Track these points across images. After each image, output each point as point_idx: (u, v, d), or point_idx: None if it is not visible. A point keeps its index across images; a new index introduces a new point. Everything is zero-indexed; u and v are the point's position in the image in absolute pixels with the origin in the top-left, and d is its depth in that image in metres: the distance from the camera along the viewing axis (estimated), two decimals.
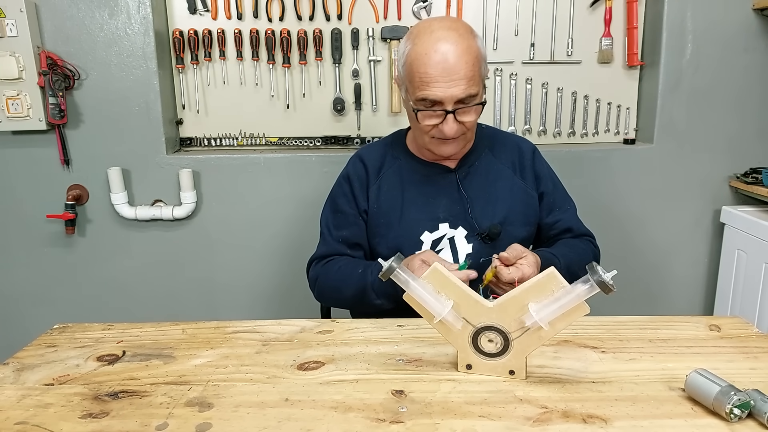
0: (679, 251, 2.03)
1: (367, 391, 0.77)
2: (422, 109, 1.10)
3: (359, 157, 1.28)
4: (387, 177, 1.24)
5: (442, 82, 1.05)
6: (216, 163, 1.92)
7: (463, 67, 1.05)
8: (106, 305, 2.01)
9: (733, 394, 0.67)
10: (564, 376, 0.80)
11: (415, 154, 1.26)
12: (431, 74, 1.05)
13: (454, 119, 1.09)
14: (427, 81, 1.06)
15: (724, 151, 1.95)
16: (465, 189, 1.21)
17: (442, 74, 1.05)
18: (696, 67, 1.88)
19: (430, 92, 1.06)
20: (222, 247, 1.98)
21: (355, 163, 1.28)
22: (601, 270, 0.71)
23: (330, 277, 1.22)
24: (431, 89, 1.06)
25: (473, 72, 1.06)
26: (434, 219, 1.20)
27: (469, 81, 1.06)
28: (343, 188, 1.27)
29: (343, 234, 1.25)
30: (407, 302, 0.81)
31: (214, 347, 0.91)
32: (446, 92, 1.05)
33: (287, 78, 1.94)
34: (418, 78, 1.07)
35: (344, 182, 1.27)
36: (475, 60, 1.06)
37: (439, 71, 1.04)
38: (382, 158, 1.26)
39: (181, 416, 0.72)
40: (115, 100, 1.86)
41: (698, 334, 0.93)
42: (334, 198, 1.29)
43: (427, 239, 1.20)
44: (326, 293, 1.25)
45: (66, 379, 0.82)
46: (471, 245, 1.20)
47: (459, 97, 1.06)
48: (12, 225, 1.95)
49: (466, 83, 1.05)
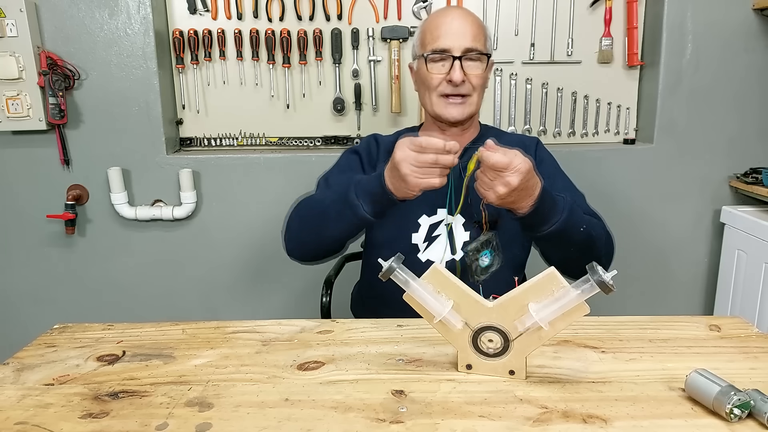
0: (679, 251, 2.03)
1: (367, 391, 0.77)
2: (432, 57, 1.19)
3: (374, 137, 1.35)
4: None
5: (450, 34, 1.18)
6: (216, 163, 1.92)
7: (469, 25, 1.19)
8: (106, 305, 2.01)
9: (733, 394, 0.67)
10: (564, 376, 0.80)
11: None
12: (441, 29, 1.19)
13: (460, 67, 1.18)
14: (437, 35, 1.19)
15: (724, 151, 1.95)
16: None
17: (450, 28, 1.18)
18: (696, 67, 1.88)
19: (439, 42, 1.19)
20: (222, 247, 1.98)
21: (369, 140, 1.34)
22: (601, 270, 0.71)
23: (312, 198, 1.17)
24: (440, 40, 1.19)
25: (478, 32, 1.19)
26: (433, 204, 1.22)
27: (475, 36, 1.19)
28: (351, 158, 1.30)
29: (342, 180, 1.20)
30: (407, 302, 0.81)
31: (214, 347, 0.91)
32: (453, 41, 1.18)
33: (287, 78, 1.94)
34: (429, 35, 1.21)
35: (352, 153, 1.31)
36: (481, 27, 1.21)
37: (448, 26, 1.19)
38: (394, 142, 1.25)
39: (181, 416, 0.72)
40: (115, 100, 1.86)
41: (698, 334, 0.93)
42: (339, 163, 1.31)
43: (424, 222, 1.23)
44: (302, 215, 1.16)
45: (66, 379, 0.82)
46: (468, 233, 1.22)
47: (465, 45, 1.18)
48: (12, 225, 1.95)
49: (473, 37, 1.18)
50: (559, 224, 1.02)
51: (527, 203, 0.98)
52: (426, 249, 1.23)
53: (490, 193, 0.95)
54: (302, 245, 1.20)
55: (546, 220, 1.02)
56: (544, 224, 1.02)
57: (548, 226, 1.02)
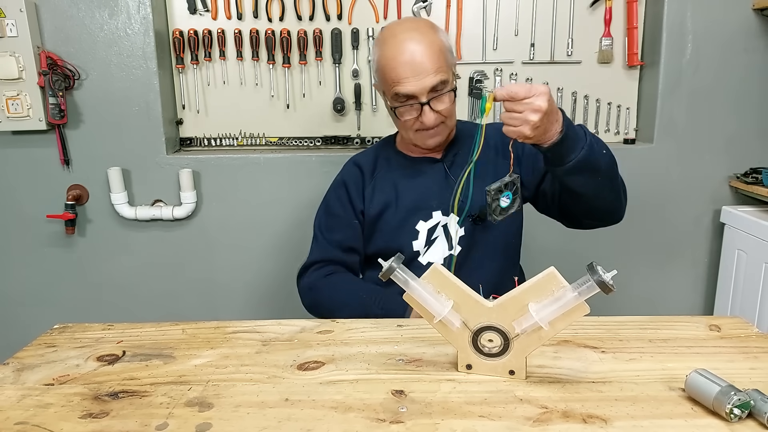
0: (679, 251, 2.03)
1: (367, 391, 0.77)
2: (399, 105, 1.17)
3: (354, 162, 1.34)
4: (380, 176, 1.30)
5: (411, 78, 1.12)
6: (216, 163, 1.92)
7: (428, 61, 1.12)
8: (106, 305, 2.01)
9: (733, 394, 0.67)
10: (564, 376, 0.80)
11: (404, 152, 1.31)
12: (401, 74, 1.13)
13: (430, 109, 1.15)
14: (398, 80, 1.14)
15: (724, 151, 1.95)
16: (453, 175, 1.25)
17: (411, 72, 1.12)
18: (696, 67, 1.88)
19: (403, 89, 1.14)
20: (222, 247, 1.98)
21: (350, 168, 1.33)
22: (601, 270, 0.71)
23: (328, 295, 1.23)
24: (403, 86, 1.13)
25: (439, 63, 1.13)
26: (427, 208, 1.25)
27: (437, 71, 1.13)
28: (338, 192, 1.31)
29: (337, 237, 1.28)
30: (407, 302, 0.81)
31: (214, 347, 0.91)
32: (417, 86, 1.13)
33: (287, 78, 1.94)
34: (390, 80, 1.15)
35: (339, 187, 1.31)
36: (440, 52, 1.14)
37: (408, 70, 1.12)
38: (375, 161, 1.32)
39: (181, 416, 0.71)
40: (115, 100, 1.86)
41: (698, 334, 0.93)
42: (328, 202, 1.33)
43: (422, 228, 1.25)
44: (321, 308, 1.24)
45: (66, 379, 0.82)
46: (463, 228, 1.24)
47: (429, 86, 1.13)
48: (12, 225, 1.95)
49: (434, 74, 1.13)
50: (586, 149, 1.00)
51: (555, 129, 0.98)
52: (426, 252, 1.25)
53: (524, 126, 0.94)
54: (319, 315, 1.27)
55: (574, 146, 1.00)
56: (573, 151, 1.00)
57: (577, 152, 1.00)
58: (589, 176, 1.05)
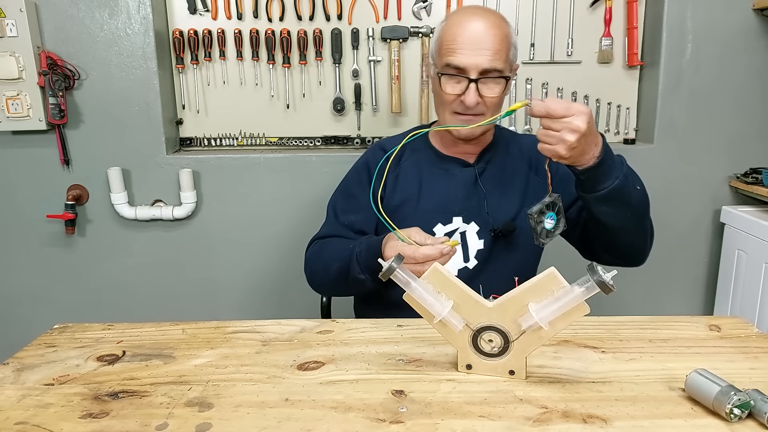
0: (679, 251, 2.03)
1: (367, 391, 0.77)
2: (447, 74, 1.11)
3: (380, 146, 1.29)
4: (405, 167, 1.24)
5: (468, 51, 1.07)
6: (216, 163, 1.92)
7: (490, 39, 1.07)
8: (106, 305, 2.01)
9: (733, 394, 0.67)
10: (564, 376, 0.80)
11: (436, 147, 1.25)
12: (459, 41, 1.08)
13: (475, 90, 1.09)
14: (453, 48, 1.08)
15: (724, 151, 1.95)
16: (483, 183, 1.20)
17: (469, 45, 1.07)
18: (696, 67, 1.88)
19: (456, 58, 1.08)
20: (222, 247, 1.98)
21: (375, 152, 1.28)
22: (601, 270, 0.71)
23: (321, 254, 1.19)
24: (457, 56, 1.08)
25: (500, 47, 1.08)
26: (449, 212, 1.19)
27: (495, 54, 1.07)
28: (360, 175, 1.26)
29: (351, 219, 1.23)
30: (407, 302, 0.81)
31: (214, 347, 0.91)
32: (471, 60, 1.08)
33: (287, 78, 1.94)
34: (446, 45, 1.10)
35: (362, 169, 1.27)
36: (504, 38, 1.09)
37: (467, 43, 1.07)
38: (402, 149, 1.24)
39: (181, 416, 0.72)
40: (115, 100, 1.86)
41: (698, 334, 0.93)
42: (347, 183, 1.29)
43: (439, 231, 1.19)
44: (315, 270, 1.20)
45: (66, 379, 0.82)
46: (482, 241, 1.18)
47: (483, 66, 1.07)
48: (12, 225, 1.95)
49: (492, 55, 1.07)
50: (621, 179, 0.97)
51: (593, 153, 0.94)
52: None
53: (559, 146, 0.90)
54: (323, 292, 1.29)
55: (609, 174, 0.97)
56: (608, 179, 0.97)
57: (611, 180, 0.96)
58: (619, 208, 1.02)
